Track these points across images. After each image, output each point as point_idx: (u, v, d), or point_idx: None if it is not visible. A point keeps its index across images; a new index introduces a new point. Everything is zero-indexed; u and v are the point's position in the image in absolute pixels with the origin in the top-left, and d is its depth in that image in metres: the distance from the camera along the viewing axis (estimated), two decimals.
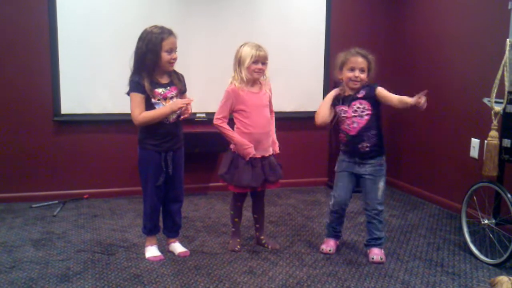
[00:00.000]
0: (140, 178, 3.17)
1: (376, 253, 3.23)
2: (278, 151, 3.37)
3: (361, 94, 3.19)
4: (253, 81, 3.22)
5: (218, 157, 4.77)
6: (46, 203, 4.31)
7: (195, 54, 4.47)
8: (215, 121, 3.21)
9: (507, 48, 3.15)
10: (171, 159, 3.11)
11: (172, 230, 3.33)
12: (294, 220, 4.03)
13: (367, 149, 3.18)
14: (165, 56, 2.98)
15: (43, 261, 3.14)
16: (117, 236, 3.61)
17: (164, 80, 3.07)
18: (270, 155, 3.29)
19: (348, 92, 3.22)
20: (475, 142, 4.02)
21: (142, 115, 2.98)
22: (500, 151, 3.19)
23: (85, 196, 4.50)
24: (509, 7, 3.22)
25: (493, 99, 3.20)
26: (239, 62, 3.19)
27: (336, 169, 3.36)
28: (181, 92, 3.15)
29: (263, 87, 3.27)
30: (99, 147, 4.50)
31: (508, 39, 3.17)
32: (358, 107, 3.18)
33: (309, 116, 4.91)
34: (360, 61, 3.15)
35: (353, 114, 3.19)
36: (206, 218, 4.05)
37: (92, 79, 4.38)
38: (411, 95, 3.04)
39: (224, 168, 3.27)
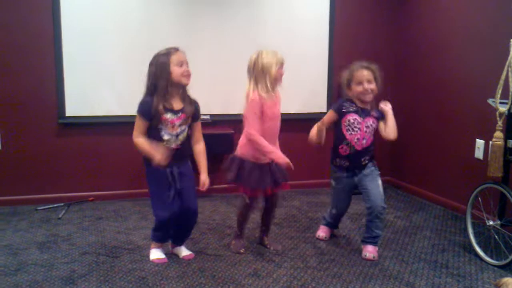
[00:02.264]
0: (150, 195, 3.13)
1: (370, 251, 3.29)
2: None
3: (375, 113, 3.30)
4: (274, 88, 3.21)
5: (223, 158, 4.77)
6: (51, 206, 4.32)
7: (199, 56, 4.48)
8: (251, 136, 3.15)
9: (511, 48, 3.14)
10: (177, 173, 3.07)
11: (179, 241, 3.33)
12: (299, 222, 4.03)
13: (367, 161, 3.32)
14: (175, 70, 2.93)
15: (48, 264, 3.15)
16: (121, 239, 3.61)
17: (176, 105, 3.01)
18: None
19: (362, 106, 3.29)
20: (480, 143, 4.01)
21: (137, 141, 2.97)
22: (505, 152, 3.18)
23: (90, 199, 4.51)
24: None
25: (498, 100, 3.19)
26: (262, 71, 3.14)
27: (334, 185, 3.47)
28: (192, 120, 3.11)
29: (277, 93, 3.26)
30: (104, 149, 4.51)
31: (511, 40, 3.17)
32: (371, 124, 3.29)
33: (313, 118, 4.90)
34: (365, 73, 3.22)
35: (365, 129, 3.27)
36: (211, 220, 4.06)
37: (97, 81, 4.39)
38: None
39: (232, 173, 3.26)
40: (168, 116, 2.97)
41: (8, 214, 4.12)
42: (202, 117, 3.28)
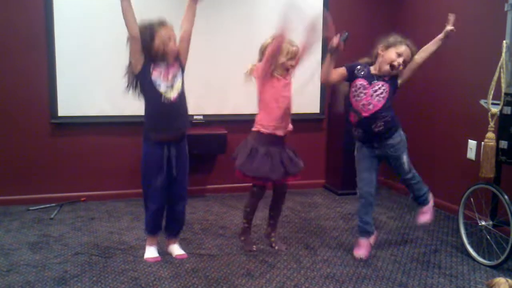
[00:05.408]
0: (142, 177, 3.15)
1: (426, 211, 3.38)
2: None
3: (387, 78, 3.19)
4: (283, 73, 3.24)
5: (216, 159, 4.78)
6: (43, 206, 4.29)
7: (191, 57, 4.46)
8: (277, 42, 3.11)
9: (504, 49, 3.16)
10: (175, 157, 3.09)
11: (173, 232, 3.33)
12: (292, 222, 4.03)
13: (381, 127, 3.17)
14: (159, 46, 2.99)
15: (40, 264, 3.13)
16: (114, 239, 3.60)
17: (163, 64, 3.04)
18: (287, 148, 3.30)
19: (375, 73, 3.20)
20: (472, 143, 4.02)
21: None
22: (497, 153, 3.20)
23: (82, 199, 4.49)
24: (505, 9, 3.23)
25: (490, 101, 3.21)
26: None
27: (356, 154, 3.35)
28: (181, 70, 3.12)
29: (289, 78, 3.28)
30: (96, 149, 4.49)
31: (504, 41, 3.18)
32: (379, 88, 3.16)
33: (305, 118, 4.94)
34: (408, 53, 3.15)
35: (372, 94, 3.15)
36: (204, 220, 4.05)
37: (89, 81, 4.37)
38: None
39: (241, 159, 3.23)
40: (159, 69, 3.02)
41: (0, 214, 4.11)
42: (195, 117, 3.28)
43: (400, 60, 3.12)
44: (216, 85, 4.66)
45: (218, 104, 4.69)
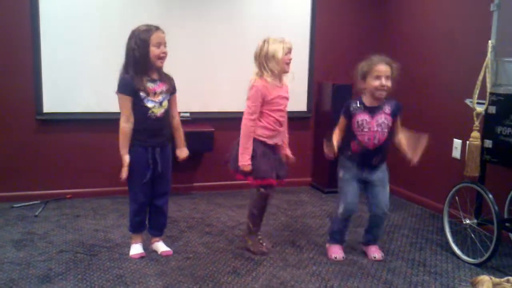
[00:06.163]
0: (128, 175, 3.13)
1: (378, 251, 3.31)
2: (290, 155, 3.39)
3: (387, 109, 3.15)
4: (280, 75, 3.21)
5: (203, 157, 4.76)
6: (27, 203, 4.25)
7: (178, 53, 4.45)
8: (248, 121, 3.15)
9: (489, 49, 3.19)
10: (159, 156, 3.11)
11: (157, 229, 3.32)
12: (278, 220, 4.03)
13: (378, 162, 3.19)
14: (154, 50, 2.99)
15: (24, 262, 3.11)
16: (100, 237, 3.58)
17: (154, 76, 3.07)
18: (279, 152, 3.31)
19: (372, 103, 3.14)
20: (457, 142, 4.06)
21: (120, 128, 3.03)
22: (482, 152, 3.23)
23: (67, 196, 4.45)
24: (491, 9, 3.26)
25: (475, 100, 3.23)
26: (266, 57, 3.14)
27: (342, 176, 3.26)
28: (170, 93, 3.15)
29: (285, 83, 3.28)
30: (82, 146, 4.45)
31: (489, 41, 3.21)
32: (383, 122, 3.13)
33: (293, 117, 4.93)
34: (385, 69, 3.07)
35: (376, 128, 3.12)
36: (190, 218, 4.04)
37: (75, 78, 4.33)
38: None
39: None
40: (149, 85, 3.04)
41: None
42: (181, 114, 3.28)
43: (383, 80, 3.06)
44: (203, 83, 4.65)
45: (205, 102, 4.68)
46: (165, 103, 3.11)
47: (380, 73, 3.06)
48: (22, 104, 4.27)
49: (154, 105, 3.05)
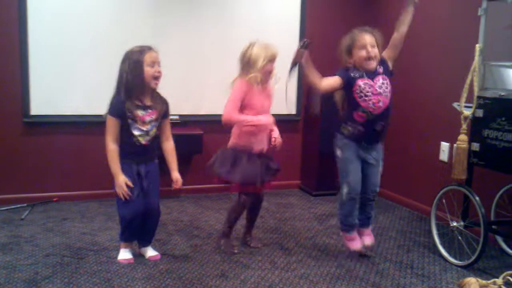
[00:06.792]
0: (116, 192, 3.09)
1: (368, 237, 3.33)
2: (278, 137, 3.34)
3: (380, 69, 3.09)
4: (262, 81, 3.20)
5: (192, 159, 4.75)
6: (13, 206, 4.21)
7: (168, 56, 4.44)
8: (226, 121, 3.15)
9: (476, 53, 3.21)
10: (144, 172, 3.09)
11: (145, 240, 3.30)
12: (266, 223, 4.03)
13: (381, 127, 3.12)
14: (148, 70, 2.95)
15: (10, 266, 3.07)
16: (87, 240, 3.55)
17: (147, 101, 3.03)
18: (265, 154, 3.31)
19: (365, 71, 3.08)
20: (444, 145, 4.08)
21: (110, 149, 3.01)
22: (469, 155, 3.25)
23: (54, 199, 4.42)
24: (479, 13, 3.28)
25: (463, 104, 3.26)
26: (248, 63, 3.14)
27: (341, 155, 3.19)
28: (162, 117, 3.12)
29: (269, 87, 3.28)
30: (69, 149, 4.42)
31: (477, 45, 3.23)
32: (383, 83, 3.09)
33: (282, 119, 4.93)
34: (368, 37, 3.04)
35: (378, 90, 3.06)
36: (178, 221, 4.02)
37: (63, 80, 4.29)
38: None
39: (226, 167, 3.21)
40: (139, 112, 3.00)
41: None
42: (171, 117, 3.26)
43: (369, 48, 3.02)
44: (192, 85, 4.64)
45: (194, 104, 4.68)
46: (153, 131, 3.08)
47: (364, 42, 3.03)
48: (9, 106, 4.22)
49: (141, 134, 3.03)
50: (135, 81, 2.95)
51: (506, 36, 3.27)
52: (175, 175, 3.22)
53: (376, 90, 3.07)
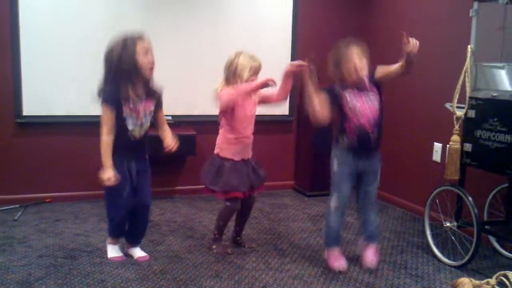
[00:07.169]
0: (105, 188, 3.07)
1: (373, 256, 3.23)
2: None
3: (367, 80, 3.04)
4: None
5: (185, 160, 4.74)
6: (6, 207, 4.19)
7: (161, 56, 4.44)
8: (229, 98, 3.11)
9: (468, 54, 3.23)
10: (134, 169, 3.08)
11: (135, 239, 3.29)
12: (261, 224, 4.03)
13: (375, 138, 3.09)
14: (142, 59, 2.90)
15: (3, 267, 3.06)
16: (80, 241, 3.54)
17: (140, 93, 2.99)
18: (250, 159, 3.33)
19: (354, 85, 3.04)
20: (437, 146, 4.10)
21: (102, 140, 2.95)
22: (462, 155, 3.27)
23: (47, 200, 4.40)
24: (470, 15, 3.30)
25: (455, 104, 3.27)
26: (234, 73, 3.16)
27: (337, 169, 3.16)
28: (156, 107, 3.11)
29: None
30: (62, 150, 4.40)
31: (469, 46, 3.25)
32: (370, 96, 3.06)
33: (275, 120, 4.96)
34: (356, 51, 3.02)
35: (365, 100, 3.04)
36: (172, 222, 4.02)
37: (55, 80, 4.28)
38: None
39: (209, 177, 3.25)
40: (134, 101, 2.96)
41: None
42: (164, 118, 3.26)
43: (357, 60, 2.99)
44: (185, 86, 4.63)
45: (188, 105, 4.67)
46: (147, 125, 3.08)
47: (353, 55, 3.00)
48: (1, 106, 4.20)
49: (135, 128, 3.01)
50: (128, 69, 2.88)
51: (498, 37, 3.29)
52: (168, 141, 3.17)
53: (364, 104, 3.05)
